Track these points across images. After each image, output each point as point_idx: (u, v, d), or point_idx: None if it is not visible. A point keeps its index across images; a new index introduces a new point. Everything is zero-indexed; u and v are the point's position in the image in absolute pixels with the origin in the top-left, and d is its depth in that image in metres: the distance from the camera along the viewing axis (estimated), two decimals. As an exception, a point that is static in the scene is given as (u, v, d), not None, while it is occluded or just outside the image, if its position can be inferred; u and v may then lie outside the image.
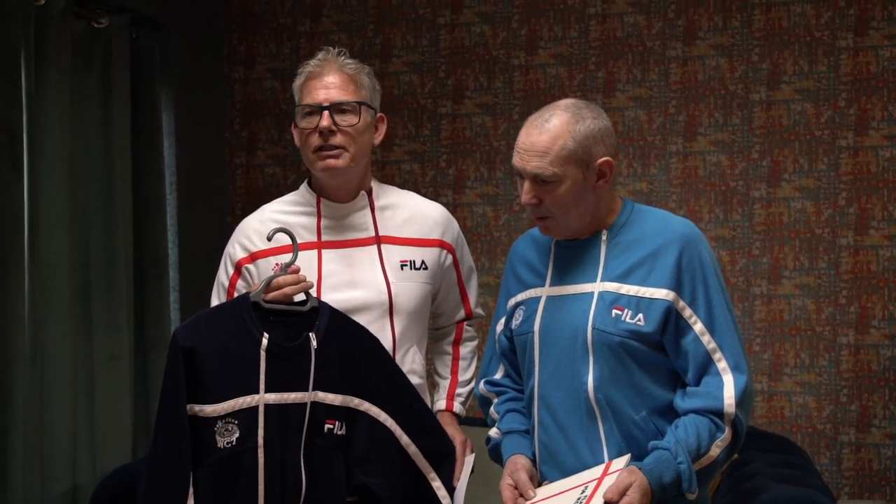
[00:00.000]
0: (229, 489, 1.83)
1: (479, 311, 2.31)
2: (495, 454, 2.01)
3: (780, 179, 3.56)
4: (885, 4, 3.45)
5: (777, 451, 2.98)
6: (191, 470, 1.80)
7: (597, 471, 1.77)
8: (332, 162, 2.02)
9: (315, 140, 2.01)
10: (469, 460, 2.05)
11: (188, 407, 1.81)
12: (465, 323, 2.28)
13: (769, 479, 2.63)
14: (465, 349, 2.28)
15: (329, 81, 2.02)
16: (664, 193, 3.65)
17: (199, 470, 1.81)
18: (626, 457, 1.76)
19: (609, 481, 1.70)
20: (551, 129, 1.80)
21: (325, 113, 2.00)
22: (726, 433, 1.77)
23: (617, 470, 1.72)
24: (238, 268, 2.09)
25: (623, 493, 1.68)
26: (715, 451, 1.77)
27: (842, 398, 3.50)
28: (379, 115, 2.12)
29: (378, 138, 2.13)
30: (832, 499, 2.54)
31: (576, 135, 1.79)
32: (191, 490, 1.80)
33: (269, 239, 1.95)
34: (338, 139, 2.01)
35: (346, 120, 2.01)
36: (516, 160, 1.83)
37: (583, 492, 1.72)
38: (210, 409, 1.82)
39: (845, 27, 3.49)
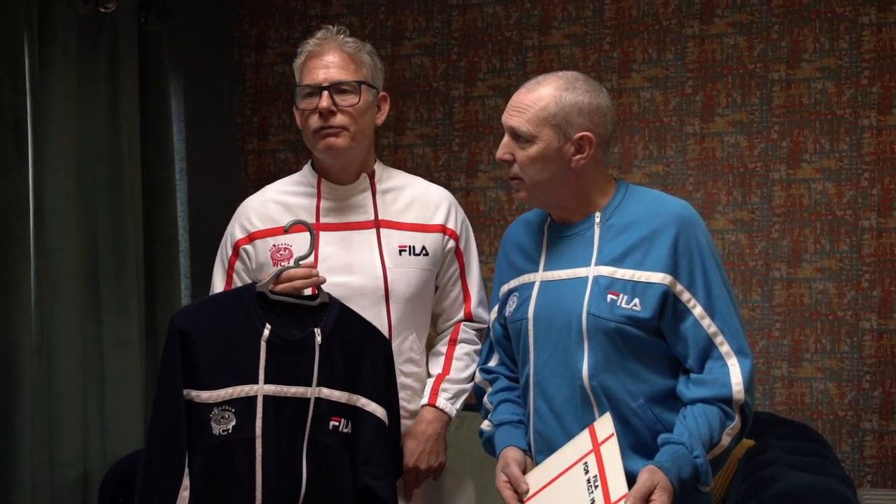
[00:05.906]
0: (224, 477, 1.81)
1: (481, 311, 2.17)
2: (489, 446, 1.97)
3: (801, 160, 3.47)
4: (910, -22, 3.35)
5: (795, 438, 2.92)
6: (185, 453, 1.78)
7: (583, 443, 1.71)
8: (332, 140, 1.99)
9: (315, 121, 1.99)
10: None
11: (184, 392, 1.80)
12: (462, 323, 2.16)
13: (786, 467, 2.57)
14: (461, 350, 2.13)
15: (329, 61, 1.99)
16: (681, 176, 3.57)
17: (194, 455, 1.80)
18: (606, 416, 1.70)
19: (608, 451, 1.64)
20: (538, 91, 1.81)
21: (325, 93, 1.97)
22: (736, 420, 1.73)
23: (607, 437, 1.65)
24: (236, 249, 2.08)
25: (647, 497, 1.62)
26: (726, 439, 1.73)
27: (864, 384, 3.41)
28: (381, 94, 2.09)
29: (380, 118, 2.09)
30: (851, 487, 2.48)
31: (559, 101, 1.78)
32: (186, 473, 1.78)
33: (286, 231, 1.92)
34: (338, 119, 1.98)
35: (346, 100, 1.99)
36: (503, 116, 1.85)
37: (585, 472, 1.66)
38: (206, 395, 1.81)
39: (868, 2, 3.38)
